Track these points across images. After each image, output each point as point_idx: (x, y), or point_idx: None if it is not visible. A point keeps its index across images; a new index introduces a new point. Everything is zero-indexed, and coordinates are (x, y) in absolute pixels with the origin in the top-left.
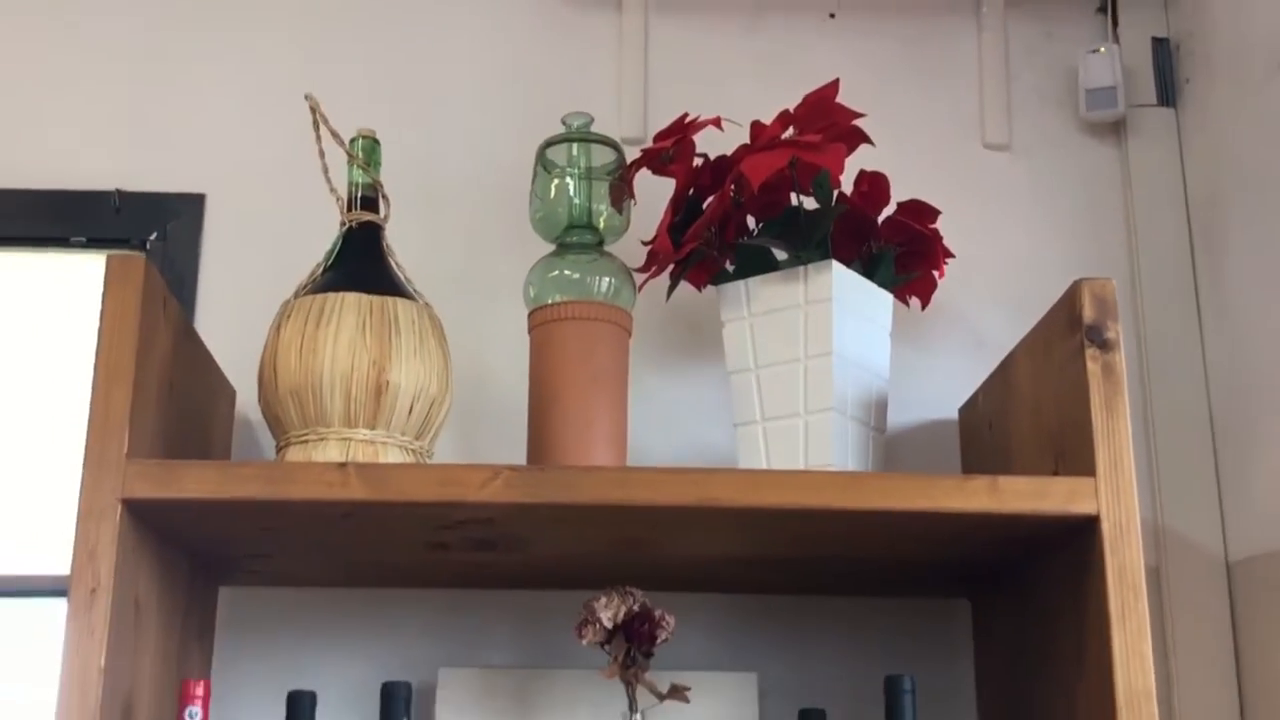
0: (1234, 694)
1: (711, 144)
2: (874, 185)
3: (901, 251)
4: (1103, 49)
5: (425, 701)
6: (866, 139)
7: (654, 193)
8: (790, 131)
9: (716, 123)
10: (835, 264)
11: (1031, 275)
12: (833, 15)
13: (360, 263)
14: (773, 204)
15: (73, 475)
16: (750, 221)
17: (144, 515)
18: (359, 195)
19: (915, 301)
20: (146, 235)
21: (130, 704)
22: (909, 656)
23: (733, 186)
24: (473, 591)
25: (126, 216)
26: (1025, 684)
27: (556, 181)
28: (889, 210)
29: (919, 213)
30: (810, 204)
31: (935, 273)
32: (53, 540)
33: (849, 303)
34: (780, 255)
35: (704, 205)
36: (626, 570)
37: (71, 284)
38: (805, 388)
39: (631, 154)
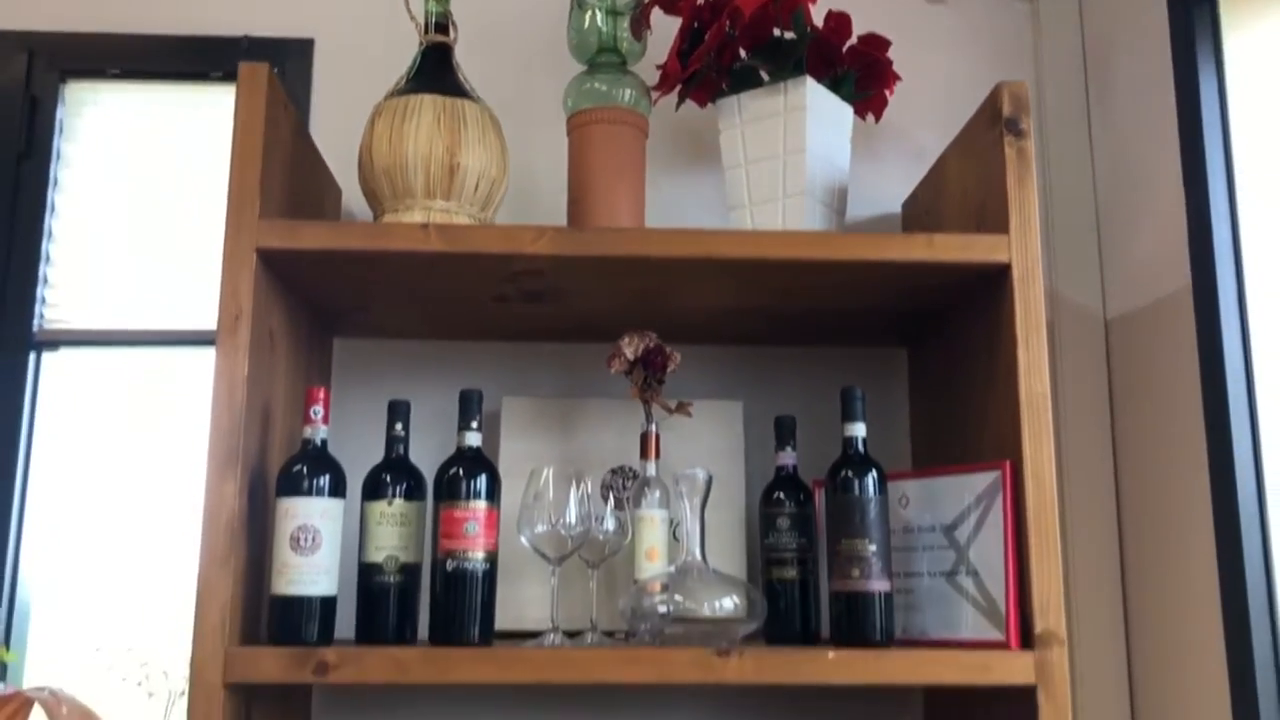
0: (1107, 433)
1: None
2: (839, 22)
3: (860, 74)
4: None
5: (491, 425)
6: None
7: (666, 26)
8: None
9: None
10: (809, 79)
11: (959, 102)
12: None
13: (435, 74)
14: (760, 35)
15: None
16: (742, 53)
17: (273, 263)
18: (433, 21)
19: (870, 117)
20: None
21: (269, 410)
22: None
23: (728, 21)
24: (527, 344)
25: (253, 57)
26: (948, 408)
27: (588, 15)
28: (851, 42)
29: (875, 43)
30: (789, 35)
31: (887, 91)
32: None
33: (819, 111)
34: (765, 77)
35: (705, 35)
36: (644, 323)
37: (211, 111)
38: (784, 177)
39: None
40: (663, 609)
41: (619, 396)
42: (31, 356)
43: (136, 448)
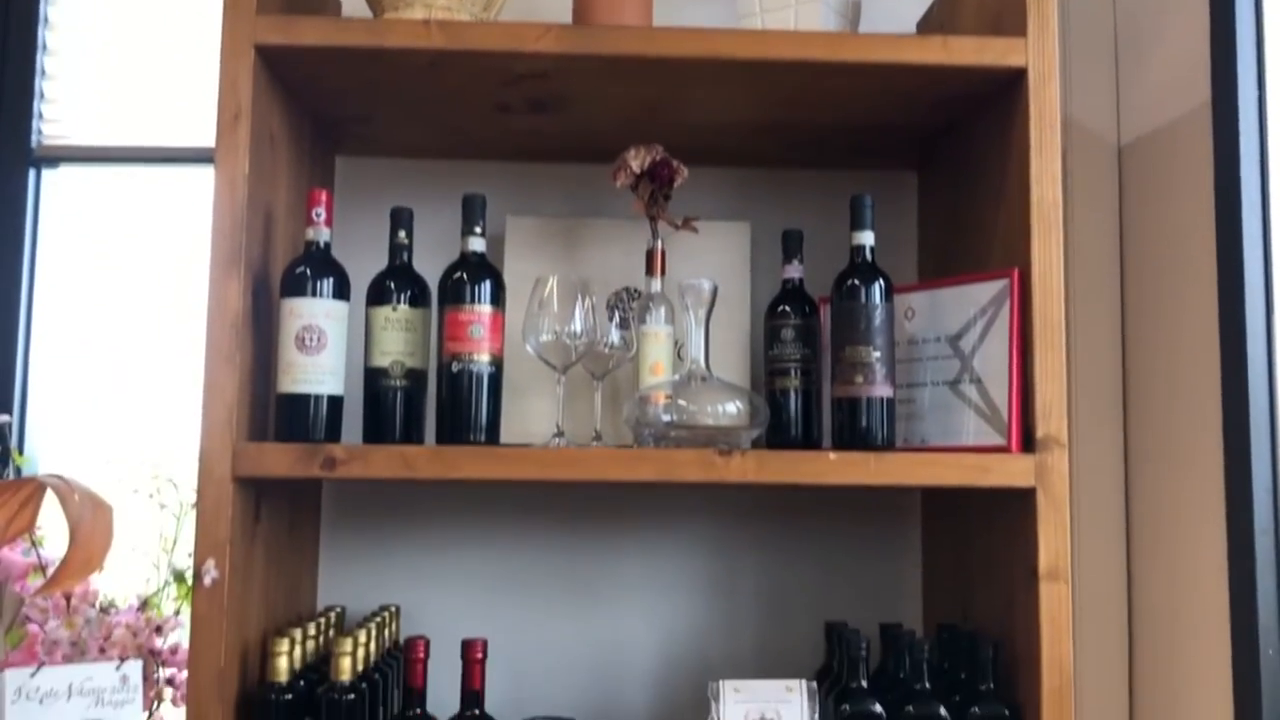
0: (1116, 265)
1: None
2: None
3: None
4: None
5: (495, 246)
6: None
7: None
8: None
9: None
10: None
11: None
12: None
13: None
14: None
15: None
16: None
17: (272, 61)
18: None
19: None
20: None
21: (271, 214)
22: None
23: None
24: (531, 164)
25: None
26: (957, 231)
27: None
28: None
29: None
30: None
31: None
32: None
33: None
34: None
35: None
36: (650, 139)
37: None
38: None
39: None
40: (666, 417)
41: (625, 216)
42: (31, 173)
43: (140, 263)
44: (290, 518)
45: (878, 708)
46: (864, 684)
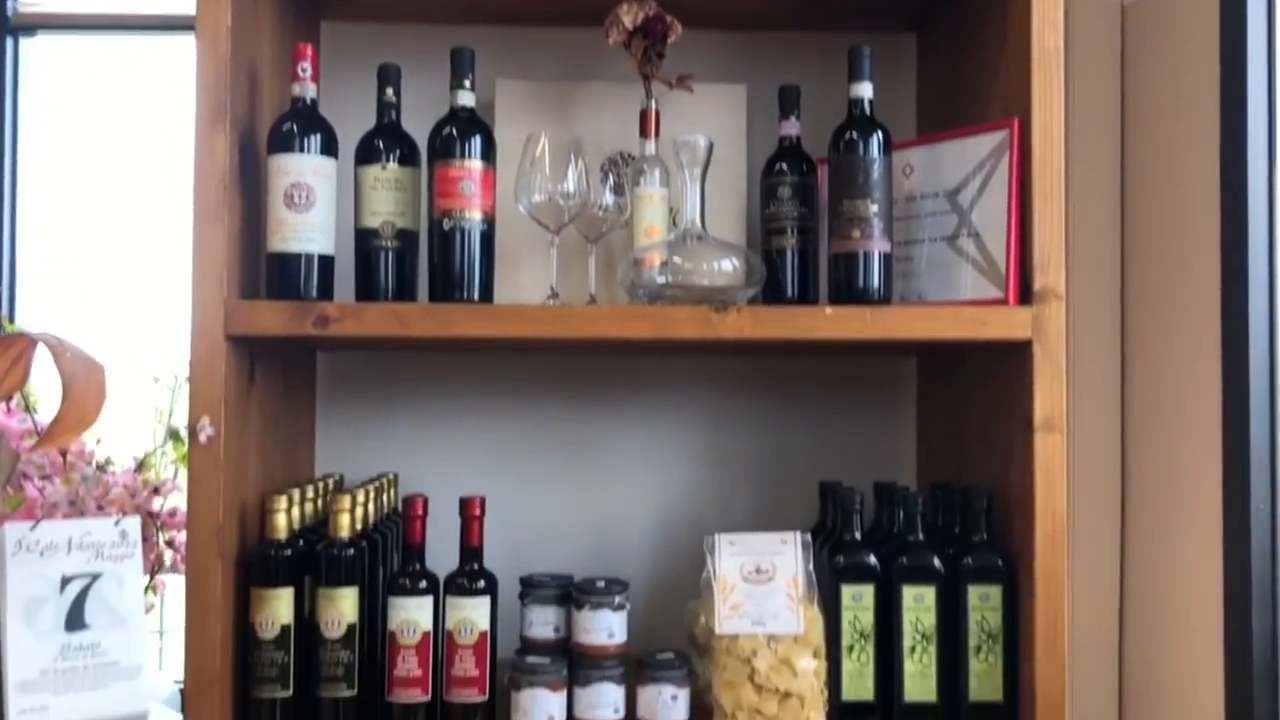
0: (1117, 125)
1: None
2: None
3: None
4: None
5: (485, 112)
6: None
7: None
8: None
9: None
10: None
11: None
12: None
13: None
14: None
15: None
16: None
17: None
18: None
19: None
20: None
21: (255, 72)
22: None
23: None
24: (521, 28)
25: None
26: (955, 89)
27: None
28: None
29: None
30: None
31: None
32: None
33: None
34: None
35: None
36: None
37: None
38: None
39: None
40: (661, 278)
41: (618, 79)
42: (9, 41)
43: (123, 133)
44: (285, 384)
45: (871, 559)
46: (858, 536)
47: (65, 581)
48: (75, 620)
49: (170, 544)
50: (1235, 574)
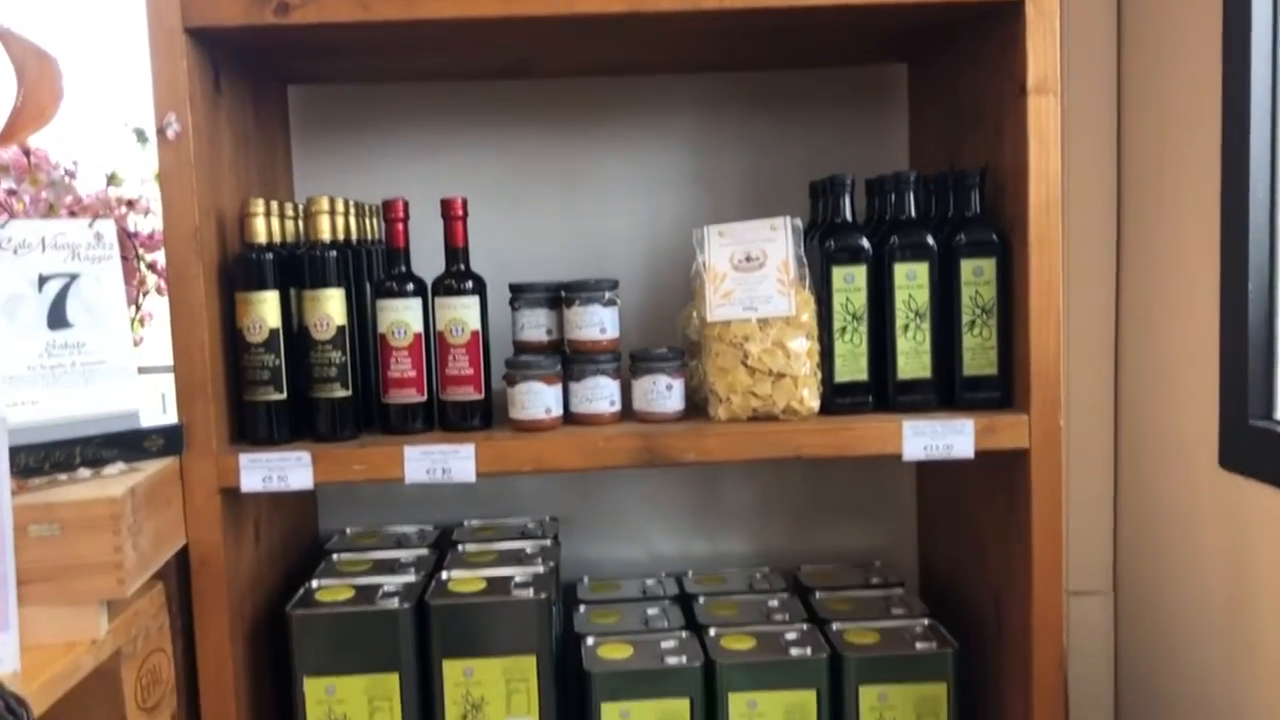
0: None
1: None
2: None
3: None
4: None
5: None
6: None
7: None
8: None
9: None
10: None
11: None
12: None
13: None
14: None
15: None
16: None
17: None
18: None
19: None
20: None
21: None
22: None
23: None
24: None
25: None
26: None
27: None
28: None
29: None
30: None
31: None
32: None
33: None
34: None
35: None
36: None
37: None
38: None
39: None
40: None
41: None
42: None
43: None
44: (256, 113)
45: (863, 241)
46: (849, 218)
47: (43, 281)
48: (57, 318)
49: (152, 267)
50: (1232, 252)
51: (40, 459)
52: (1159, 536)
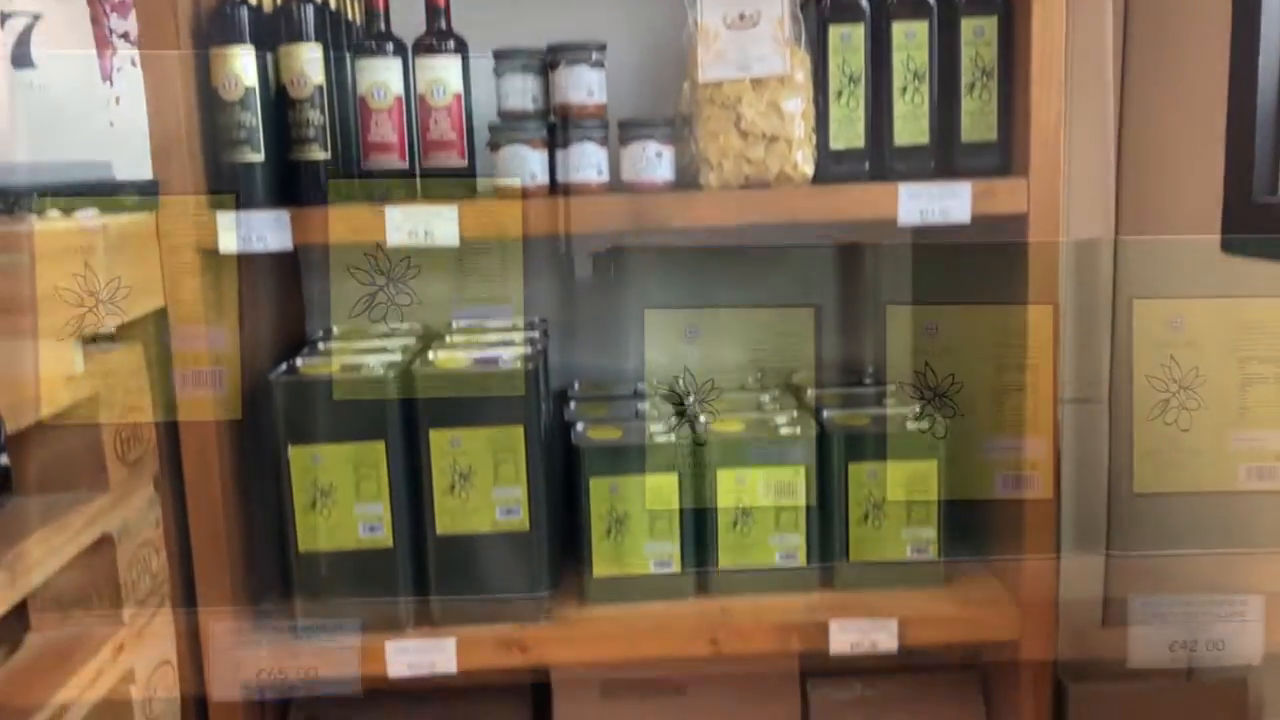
0: None
1: None
2: None
3: None
4: None
5: None
6: None
7: None
8: None
9: None
10: None
11: None
12: None
13: None
14: None
15: None
16: None
17: None
18: None
19: None
20: None
21: None
22: None
23: None
24: None
25: None
26: None
27: None
28: None
29: None
30: None
31: None
32: None
33: None
34: None
35: None
36: None
37: None
38: None
39: None
40: None
41: None
42: None
43: None
44: None
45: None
46: None
47: (4, 18)
48: (22, 59)
49: (125, 37)
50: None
51: (9, 202)
52: None
